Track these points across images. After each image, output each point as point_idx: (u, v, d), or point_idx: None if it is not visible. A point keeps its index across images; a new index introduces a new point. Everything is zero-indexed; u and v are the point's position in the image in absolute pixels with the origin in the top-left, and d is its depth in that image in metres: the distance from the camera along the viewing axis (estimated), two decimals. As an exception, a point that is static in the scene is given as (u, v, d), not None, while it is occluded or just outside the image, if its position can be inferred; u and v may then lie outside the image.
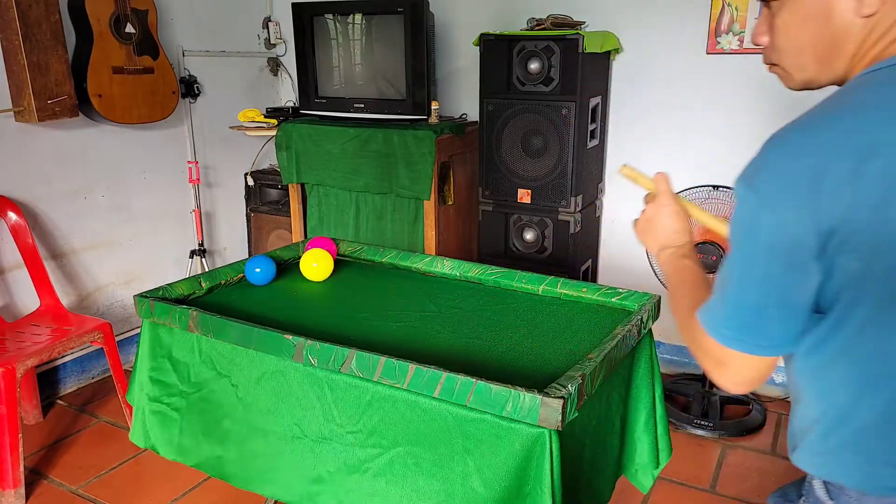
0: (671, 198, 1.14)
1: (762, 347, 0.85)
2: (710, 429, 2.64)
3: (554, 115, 2.61)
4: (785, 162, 0.79)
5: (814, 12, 0.86)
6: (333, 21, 2.98)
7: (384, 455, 1.33)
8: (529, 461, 1.18)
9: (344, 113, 3.02)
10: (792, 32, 0.90)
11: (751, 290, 0.83)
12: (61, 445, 2.58)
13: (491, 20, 3.11)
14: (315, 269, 1.90)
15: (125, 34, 2.78)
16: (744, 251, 0.84)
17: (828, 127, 0.79)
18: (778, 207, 0.78)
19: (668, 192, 1.15)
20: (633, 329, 1.48)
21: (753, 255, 0.82)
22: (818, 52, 0.88)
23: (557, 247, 2.78)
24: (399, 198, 2.92)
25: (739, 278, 0.84)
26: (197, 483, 2.33)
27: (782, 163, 0.79)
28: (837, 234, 0.77)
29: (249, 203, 3.60)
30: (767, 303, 0.83)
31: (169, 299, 1.70)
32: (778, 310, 0.83)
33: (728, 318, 0.86)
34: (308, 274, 1.91)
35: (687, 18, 2.74)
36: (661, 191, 1.15)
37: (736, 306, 0.85)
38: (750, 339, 0.85)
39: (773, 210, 0.79)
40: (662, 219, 1.13)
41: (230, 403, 1.55)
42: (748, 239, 0.82)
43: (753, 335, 0.84)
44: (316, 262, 1.91)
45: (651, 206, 1.15)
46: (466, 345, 1.50)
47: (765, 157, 0.82)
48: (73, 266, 2.93)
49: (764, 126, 2.71)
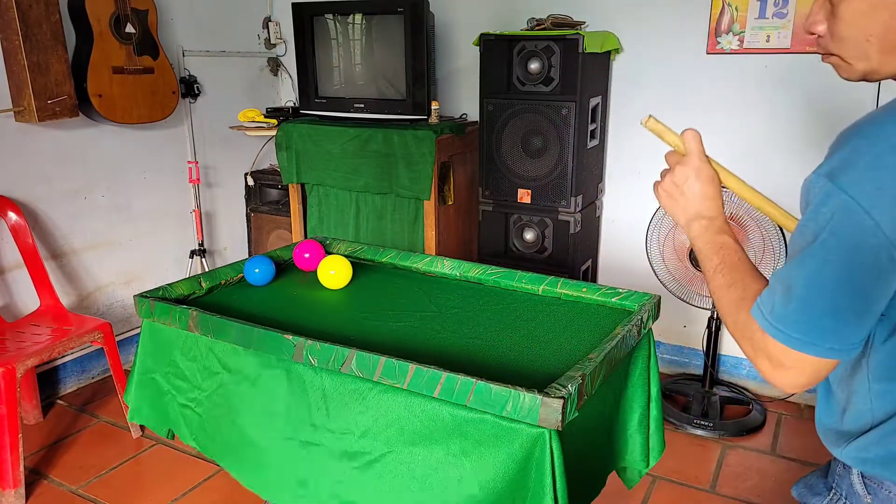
0: (704, 159, 1.01)
1: (835, 351, 0.80)
2: (710, 429, 2.64)
3: (554, 115, 2.61)
4: (879, 158, 0.74)
5: (884, 0, 0.82)
6: (333, 21, 2.98)
7: (383, 455, 1.33)
8: (529, 461, 1.18)
9: (344, 113, 3.02)
10: (860, 21, 0.84)
11: (827, 293, 0.78)
12: (61, 445, 2.58)
13: (491, 20, 3.11)
14: (333, 276, 1.83)
15: (125, 34, 2.78)
16: (823, 251, 0.78)
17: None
18: (872, 209, 0.73)
19: (701, 152, 1.02)
20: (633, 329, 1.48)
21: (835, 256, 0.77)
22: (886, 42, 0.84)
23: (557, 247, 2.78)
24: (399, 198, 2.92)
25: (814, 279, 0.79)
26: (197, 483, 2.33)
27: (877, 159, 0.74)
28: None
29: (249, 203, 3.60)
30: (845, 306, 0.78)
31: (169, 299, 1.70)
32: (856, 314, 0.78)
33: (798, 322, 0.80)
34: (326, 282, 1.83)
35: (687, 18, 2.74)
36: (691, 150, 1.01)
37: (808, 309, 0.79)
38: (823, 343, 0.80)
39: (866, 211, 0.73)
40: (693, 184, 1.00)
41: (233, 403, 1.55)
42: (831, 239, 0.77)
43: (826, 339, 0.80)
44: (334, 269, 1.83)
45: (679, 169, 1.02)
46: (466, 345, 1.50)
47: (856, 150, 0.76)
48: (73, 266, 2.93)
49: (764, 126, 2.71)
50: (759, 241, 2.54)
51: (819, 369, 0.83)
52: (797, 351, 0.81)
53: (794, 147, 2.67)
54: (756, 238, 2.54)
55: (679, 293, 2.75)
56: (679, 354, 3.12)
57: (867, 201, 0.74)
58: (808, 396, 2.87)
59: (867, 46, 0.86)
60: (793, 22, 2.55)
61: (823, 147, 2.75)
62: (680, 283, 2.72)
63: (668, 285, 2.75)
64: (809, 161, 2.82)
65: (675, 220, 1.05)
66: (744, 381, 2.99)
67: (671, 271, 2.72)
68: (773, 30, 2.60)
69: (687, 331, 3.06)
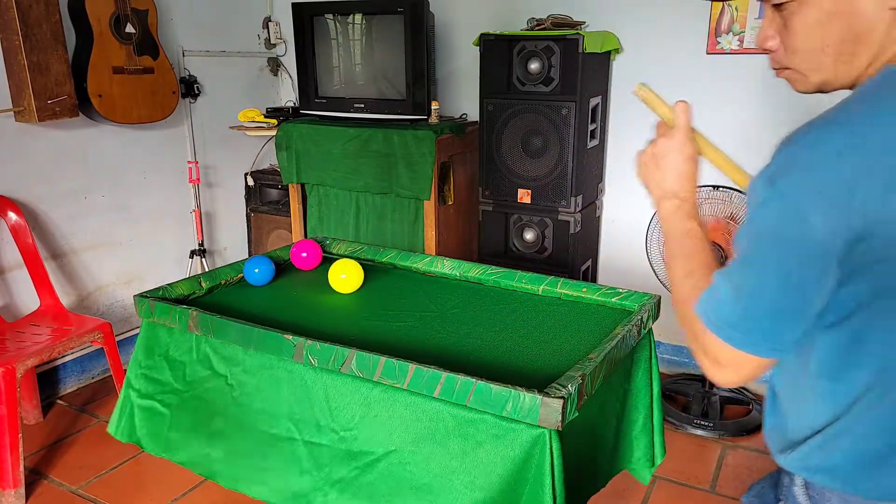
0: (689, 136, 1.01)
1: (773, 350, 0.82)
2: (710, 429, 2.64)
3: (554, 115, 2.61)
4: (819, 163, 0.74)
5: (839, 8, 0.81)
6: (333, 21, 2.98)
7: (383, 455, 1.33)
8: (529, 461, 1.18)
9: (344, 113, 3.02)
10: (815, 31, 0.84)
11: (768, 295, 0.80)
12: (61, 445, 2.58)
13: (491, 20, 3.11)
14: (343, 280, 1.79)
15: (125, 34, 2.78)
16: (763, 254, 0.79)
17: (868, 124, 0.75)
18: (809, 213, 0.74)
19: (688, 128, 1.02)
20: (634, 329, 1.48)
21: (775, 259, 0.78)
22: (840, 51, 0.84)
23: (557, 247, 2.78)
24: (399, 198, 2.92)
25: (757, 281, 0.80)
26: (197, 483, 2.33)
27: (816, 164, 0.74)
28: (864, 242, 0.74)
29: (249, 203, 3.60)
30: (785, 307, 0.79)
31: (169, 299, 1.70)
32: (794, 314, 0.80)
33: (739, 321, 0.82)
34: (337, 286, 1.80)
35: (687, 18, 2.74)
36: (680, 125, 1.01)
37: (749, 309, 0.81)
38: (762, 343, 0.82)
39: (803, 215, 0.74)
40: (672, 159, 1.00)
41: (224, 403, 1.55)
42: (771, 243, 0.78)
43: (765, 339, 0.81)
44: (345, 272, 1.79)
45: (663, 142, 1.01)
46: (466, 345, 1.50)
47: (794, 156, 0.77)
48: (73, 266, 2.93)
49: (764, 126, 2.71)
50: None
51: (756, 367, 0.84)
52: (736, 349, 0.83)
53: (794, 147, 2.67)
54: (756, 238, 2.54)
55: (679, 293, 2.75)
56: (679, 354, 3.12)
57: (805, 204, 0.74)
58: (808, 396, 2.87)
59: (822, 57, 0.86)
60: (793, 22, 2.55)
61: (823, 147, 2.67)
62: (680, 283, 2.72)
63: (668, 285, 2.75)
64: (809, 161, 2.81)
65: (648, 191, 1.04)
66: (744, 381, 2.98)
67: (671, 271, 2.71)
68: (773, 30, 2.60)
69: (687, 331, 3.05)
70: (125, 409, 1.71)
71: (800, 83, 0.91)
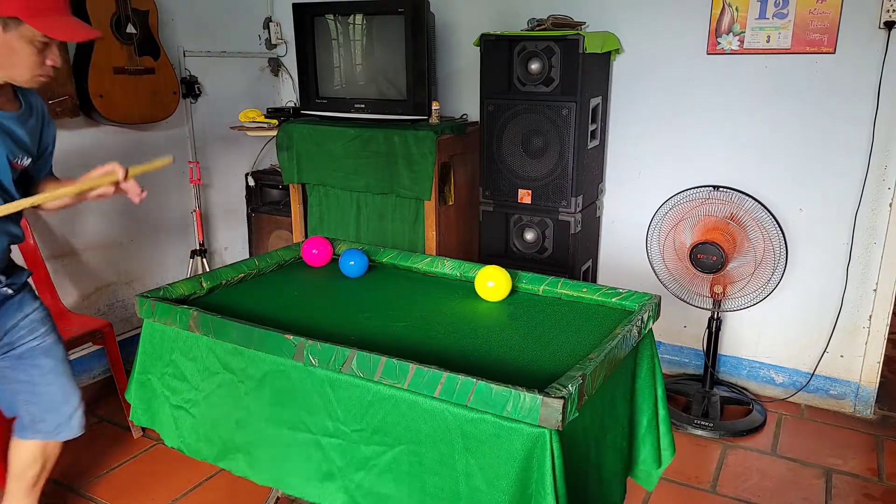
0: None
1: None
2: (710, 429, 2.64)
3: (554, 116, 2.61)
4: None
5: None
6: (334, 21, 2.98)
7: (389, 453, 1.33)
8: (530, 461, 1.18)
9: (345, 113, 3.02)
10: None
11: None
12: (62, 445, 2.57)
13: (491, 20, 3.11)
14: (491, 288, 1.75)
15: (126, 35, 2.78)
16: None
17: None
18: None
19: None
20: (634, 329, 1.48)
21: None
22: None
23: (558, 247, 2.78)
24: (400, 198, 2.92)
25: None
26: (197, 483, 2.34)
27: None
28: None
29: (250, 203, 3.60)
30: None
31: (170, 299, 1.70)
32: None
33: None
34: (484, 293, 1.77)
35: (687, 19, 2.75)
36: None
37: None
38: None
39: None
40: None
41: (237, 402, 1.55)
42: None
43: None
44: (493, 280, 1.75)
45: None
46: (467, 345, 1.50)
47: None
48: (74, 266, 2.93)
49: (763, 126, 2.71)
50: (759, 241, 2.54)
51: None
52: None
53: (793, 147, 2.67)
54: (757, 238, 2.54)
55: (679, 293, 2.75)
56: (679, 354, 3.12)
57: None
58: (808, 396, 2.88)
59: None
60: (793, 22, 2.56)
61: (823, 146, 2.78)
62: (680, 283, 2.73)
63: (668, 285, 2.75)
64: (809, 160, 2.84)
65: None
66: (744, 382, 2.99)
67: (671, 271, 2.72)
68: (773, 30, 2.60)
69: (687, 331, 3.06)
70: (167, 418, 1.70)
71: None
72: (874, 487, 2.34)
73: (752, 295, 2.63)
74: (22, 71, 1.55)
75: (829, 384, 2.83)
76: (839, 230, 2.67)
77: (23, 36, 1.50)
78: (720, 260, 2.49)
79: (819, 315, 2.79)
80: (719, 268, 2.51)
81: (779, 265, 2.54)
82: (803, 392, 2.87)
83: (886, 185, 2.55)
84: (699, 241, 2.53)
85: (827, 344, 2.79)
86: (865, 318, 2.71)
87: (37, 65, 1.55)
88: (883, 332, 2.70)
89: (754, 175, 2.75)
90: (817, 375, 2.84)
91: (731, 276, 2.62)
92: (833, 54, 2.52)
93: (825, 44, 2.53)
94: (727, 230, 2.56)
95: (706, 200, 2.61)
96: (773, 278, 2.56)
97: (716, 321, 2.76)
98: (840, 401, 2.82)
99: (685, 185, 2.77)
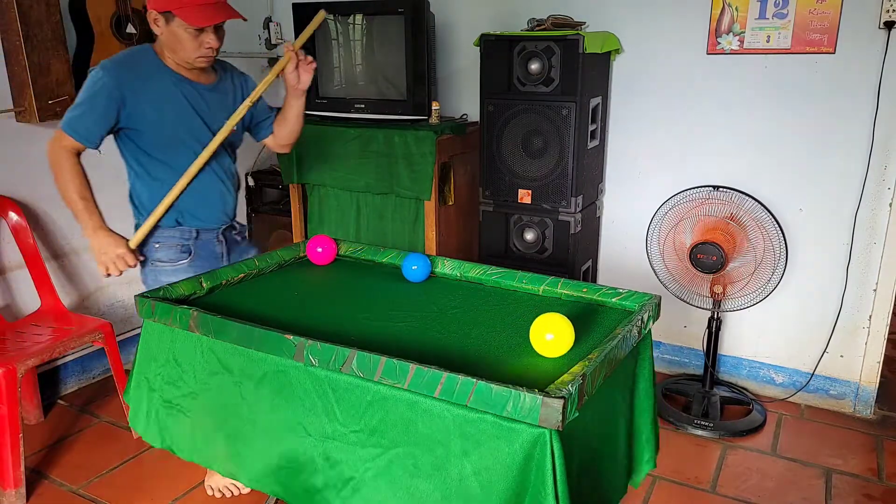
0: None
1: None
2: (710, 429, 2.64)
3: (554, 116, 2.61)
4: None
5: None
6: (334, 21, 2.98)
7: (385, 455, 1.33)
8: (530, 461, 1.18)
9: (345, 113, 3.02)
10: None
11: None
12: (62, 445, 2.58)
13: (491, 21, 3.11)
14: (550, 343, 1.37)
15: (126, 34, 2.78)
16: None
17: None
18: None
19: None
20: (634, 329, 1.48)
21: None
22: None
23: (558, 247, 2.78)
24: (400, 198, 2.93)
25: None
26: (197, 483, 2.34)
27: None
28: None
29: (250, 203, 3.60)
30: None
31: (170, 299, 1.70)
32: None
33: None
34: (541, 349, 1.39)
35: (687, 19, 2.75)
36: None
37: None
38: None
39: None
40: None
41: (235, 402, 1.55)
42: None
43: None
44: (552, 332, 1.36)
45: None
46: (467, 345, 1.50)
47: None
48: (73, 266, 2.93)
49: (764, 126, 2.71)
50: (759, 242, 2.55)
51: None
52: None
53: (793, 147, 2.67)
54: (757, 238, 2.54)
55: (679, 293, 2.75)
56: (679, 354, 3.12)
57: None
58: (808, 396, 2.88)
59: None
60: (793, 22, 2.56)
61: (823, 146, 2.76)
62: (680, 283, 2.73)
63: (668, 285, 2.75)
64: (809, 160, 2.83)
65: None
66: (744, 382, 2.99)
67: (671, 271, 2.72)
68: (773, 30, 2.60)
69: (687, 331, 3.06)
70: (151, 415, 1.71)
71: None
72: (874, 487, 2.34)
73: (752, 295, 2.63)
74: (186, 54, 1.92)
75: (829, 384, 2.83)
76: (839, 230, 2.67)
77: (179, 25, 1.85)
78: (720, 260, 2.49)
79: (819, 315, 2.79)
80: (719, 268, 2.51)
81: (779, 265, 2.54)
82: (803, 392, 2.87)
83: (886, 185, 2.56)
84: (699, 241, 2.53)
85: (827, 344, 2.79)
86: (865, 318, 2.71)
87: (195, 48, 1.91)
88: (883, 332, 2.70)
89: (754, 175, 2.75)
90: (817, 375, 2.84)
91: (731, 276, 2.62)
92: (833, 54, 2.52)
93: (825, 44, 2.53)
94: (727, 230, 2.56)
95: (706, 200, 2.61)
96: (772, 278, 2.56)
97: (716, 321, 2.76)
98: (840, 401, 2.83)
99: (685, 185, 2.77)
